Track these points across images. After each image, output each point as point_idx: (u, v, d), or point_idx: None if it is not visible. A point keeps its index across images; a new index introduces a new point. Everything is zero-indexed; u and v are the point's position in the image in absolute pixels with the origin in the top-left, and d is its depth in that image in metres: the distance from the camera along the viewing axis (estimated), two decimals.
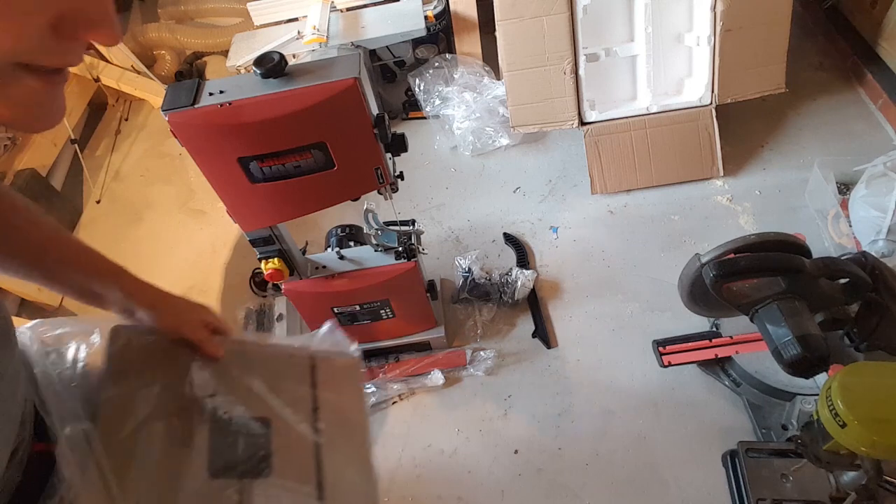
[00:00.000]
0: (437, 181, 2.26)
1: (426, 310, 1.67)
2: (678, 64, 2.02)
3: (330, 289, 1.50)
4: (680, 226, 1.97)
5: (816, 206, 1.90)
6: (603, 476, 1.51)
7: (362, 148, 1.16)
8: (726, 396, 1.57)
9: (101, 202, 2.49)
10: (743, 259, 1.19)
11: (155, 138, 2.70)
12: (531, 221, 2.07)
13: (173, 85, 1.12)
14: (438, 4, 2.26)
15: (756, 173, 2.06)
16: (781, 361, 1.15)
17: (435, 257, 2.00)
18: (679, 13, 1.93)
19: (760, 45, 1.90)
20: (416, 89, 2.31)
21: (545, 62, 1.95)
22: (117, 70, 2.61)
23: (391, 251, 1.50)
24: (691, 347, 1.58)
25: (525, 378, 1.71)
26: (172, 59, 2.84)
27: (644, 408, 1.60)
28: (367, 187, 1.24)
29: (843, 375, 0.96)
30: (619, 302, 1.82)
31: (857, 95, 2.23)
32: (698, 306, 1.37)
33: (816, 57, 2.38)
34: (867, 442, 0.92)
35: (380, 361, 1.76)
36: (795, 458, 1.30)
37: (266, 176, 1.15)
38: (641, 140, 2.02)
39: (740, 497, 1.37)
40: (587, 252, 1.96)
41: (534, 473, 1.54)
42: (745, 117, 2.19)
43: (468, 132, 2.25)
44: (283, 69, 1.08)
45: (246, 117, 1.06)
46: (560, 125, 2.05)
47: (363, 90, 1.08)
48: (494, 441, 1.60)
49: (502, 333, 1.81)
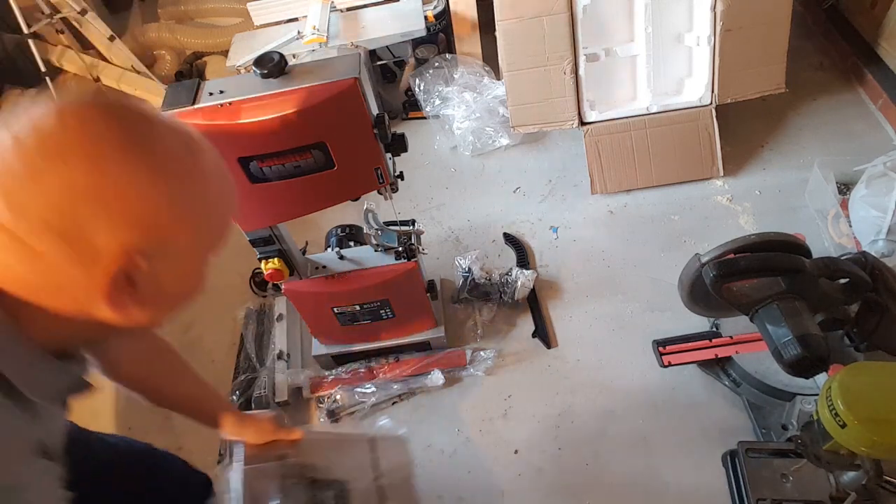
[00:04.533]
0: (437, 181, 2.26)
1: (426, 310, 1.67)
2: (678, 64, 2.02)
3: (330, 289, 1.50)
4: (680, 226, 1.97)
5: (816, 206, 1.90)
6: (603, 476, 1.51)
7: (362, 148, 1.16)
8: (726, 396, 1.57)
9: None
10: (743, 259, 1.19)
11: None
12: (531, 221, 2.07)
13: (173, 85, 1.12)
14: (438, 4, 2.26)
15: (756, 173, 2.07)
16: (781, 361, 1.15)
17: (435, 257, 2.00)
18: (679, 13, 1.93)
19: (760, 45, 1.90)
20: (416, 89, 2.31)
21: (545, 62, 1.95)
22: (117, 70, 2.61)
23: (391, 251, 1.50)
24: (691, 347, 1.58)
25: (525, 378, 1.71)
26: (172, 59, 2.84)
27: (644, 408, 1.60)
28: (367, 187, 1.24)
29: (843, 375, 0.96)
30: (619, 302, 1.82)
31: (857, 95, 2.23)
32: (698, 306, 1.37)
33: (816, 57, 2.38)
34: (867, 442, 0.92)
35: (380, 361, 1.76)
36: (795, 458, 1.30)
37: (266, 176, 1.15)
38: (641, 140, 2.02)
39: (740, 497, 1.37)
40: (587, 252, 1.96)
41: (534, 473, 1.54)
42: (745, 117, 2.19)
43: (468, 132, 2.25)
44: (283, 69, 1.08)
45: (246, 117, 1.06)
46: (560, 125, 2.05)
47: (363, 90, 1.08)
48: (494, 441, 1.60)
49: (502, 333, 1.81)
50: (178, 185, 0.53)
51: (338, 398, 1.70)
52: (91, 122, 0.49)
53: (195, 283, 0.61)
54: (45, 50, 2.50)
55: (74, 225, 0.47)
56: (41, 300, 0.51)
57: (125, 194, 0.49)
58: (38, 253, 0.48)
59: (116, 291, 0.51)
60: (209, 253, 0.60)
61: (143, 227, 0.50)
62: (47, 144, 0.47)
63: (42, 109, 0.49)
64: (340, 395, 1.70)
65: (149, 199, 0.50)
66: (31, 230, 0.47)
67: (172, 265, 0.55)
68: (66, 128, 0.48)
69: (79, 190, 0.47)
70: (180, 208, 0.53)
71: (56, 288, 0.51)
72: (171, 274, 0.55)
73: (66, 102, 0.50)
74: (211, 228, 0.59)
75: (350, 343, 1.72)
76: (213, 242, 0.60)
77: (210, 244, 0.60)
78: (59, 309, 0.52)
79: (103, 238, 0.49)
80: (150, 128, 0.52)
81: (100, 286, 0.50)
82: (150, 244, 0.51)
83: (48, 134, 0.47)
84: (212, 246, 0.60)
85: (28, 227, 0.47)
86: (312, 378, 1.75)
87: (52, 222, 0.47)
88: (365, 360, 1.76)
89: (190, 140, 0.55)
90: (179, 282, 0.58)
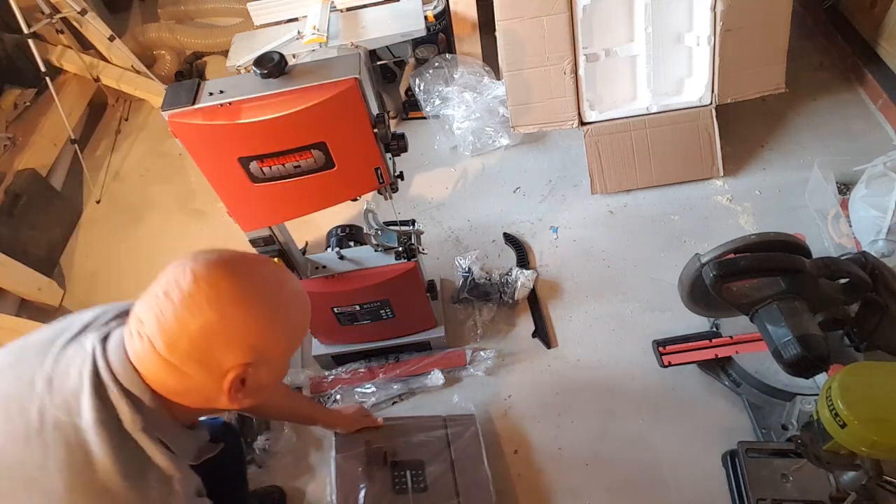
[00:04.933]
0: (437, 181, 2.26)
1: (426, 310, 1.67)
2: (678, 64, 2.02)
3: (330, 289, 1.50)
4: (680, 226, 1.97)
5: (816, 206, 1.90)
6: (603, 476, 1.51)
7: (362, 148, 1.16)
8: (726, 396, 1.57)
9: (101, 202, 2.49)
10: (743, 259, 1.19)
11: (155, 138, 2.70)
12: (531, 221, 2.07)
13: (173, 85, 1.11)
14: (438, 4, 2.25)
15: (756, 173, 2.07)
16: (781, 361, 1.15)
17: (435, 257, 2.00)
18: (679, 13, 1.93)
19: (760, 45, 1.90)
20: (416, 89, 2.31)
21: (545, 62, 1.95)
22: (117, 70, 2.61)
23: (391, 251, 1.50)
24: (691, 347, 1.58)
25: (525, 378, 1.71)
26: (172, 59, 2.84)
27: (644, 408, 1.60)
28: (367, 187, 1.24)
29: (843, 375, 0.96)
30: (619, 302, 1.82)
31: (857, 95, 2.23)
32: (698, 306, 1.37)
33: (816, 57, 2.38)
34: (867, 442, 0.92)
35: (380, 361, 1.76)
36: (795, 458, 1.30)
37: (266, 176, 1.15)
38: (641, 140, 2.02)
39: (740, 497, 1.37)
40: (587, 252, 1.96)
41: (534, 473, 1.54)
42: (745, 117, 2.19)
43: (468, 132, 2.25)
44: (283, 69, 1.08)
45: (246, 117, 1.06)
46: (560, 125, 2.05)
47: (363, 90, 1.08)
48: (495, 441, 1.60)
49: (502, 333, 1.81)
50: (274, 315, 0.76)
51: (338, 398, 1.70)
52: (214, 280, 0.72)
53: (284, 372, 0.86)
54: (45, 50, 2.50)
55: (207, 354, 0.72)
56: (184, 399, 0.77)
57: (241, 329, 0.72)
58: (185, 373, 0.73)
59: (233, 391, 0.75)
60: (294, 352, 0.84)
61: (253, 349, 0.74)
62: (185, 299, 0.70)
63: (180, 270, 0.72)
64: (340, 396, 1.70)
65: (256, 329, 0.74)
66: (181, 359, 0.72)
67: (271, 367, 0.79)
68: (199, 286, 0.71)
69: (209, 330, 0.71)
70: (277, 331, 0.76)
71: (196, 392, 0.76)
72: (270, 373, 0.80)
73: (196, 264, 0.72)
74: (297, 337, 0.83)
75: (350, 343, 1.72)
76: (297, 345, 0.84)
77: (295, 347, 0.83)
78: (194, 403, 0.77)
79: (227, 360, 0.73)
80: (254, 276, 0.75)
81: (223, 390, 0.75)
82: (256, 358, 0.75)
83: (187, 292, 0.70)
84: (296, 347, 0.84)
85: (179, 357, 0.72)
86: (312, 378, 1.75)
87: (193, 354, 0.72)
88: (365, 360, 1.76)
89: (281, 276, 0.79)
90: (275, 376, 0.82)
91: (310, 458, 1.62)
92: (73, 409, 0.72)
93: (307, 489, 1.58)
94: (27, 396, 0.73)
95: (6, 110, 2.46)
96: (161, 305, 0.71)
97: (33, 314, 2.09)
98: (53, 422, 0.71)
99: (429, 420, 1.55)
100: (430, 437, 1.49)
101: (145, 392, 0.74)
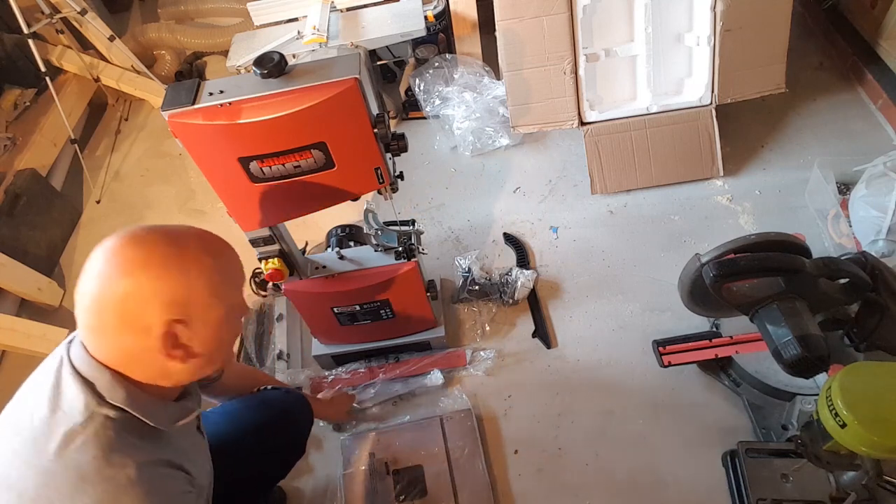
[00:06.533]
0: (437, 181, 2.26)
1: (426, 310, 1.67)
2: (678, 64, 2.02)
3: (330, 289, 1.50)
4: (680, 226, 1.97)
5: (816, 206, 1.90)
6: (603, 476, 1.51)
7: (362, 148, 1.16)
8: (726, 396, 1.57)
9: (101, 202, 2.49)
10: (743, 259, 1.19)
11: (155, 138, 2.70)
12: (531, 221, 2.07)
13: (173, 85, 1.11)
14: (438, 4, 2.25)
15: (756, 173, 2.07)
16: (781, 361, 1.15)
17: (435, 257, 2.00)
18: (679, 13, 1.93)
19: (760, 45, 1.90)
20: (416, 89, 2.31)
21: (545, 62, 1.95)
22: (117, 70, 2.61)
23: (391, 251, 1.50)
24: (691, 347, 1.58)
25: (525, 378, 1.71)
26: (172, 59, 2.84)
27: (644, 408, 1.60)
28: (367, 187, 1.24)
29: (843, 375, 0.96)
30: (619, 302, 1.82)
31: (857, 95, 2.23)
32: (698, 306, 1.37)
33: (816, 57, 2.38)
34: (867, 442, 0.92)
35: (380, 361, 1.76)
36: (795, 458, 1.30)
37: (266, 176, 1.15)
38: (641, 140, 2.02)
39: (740, 497, 1.37)
40: (587, 252, 1.96)
41: (534, 473, 1.54)
42: (745, 117, 2.19)
43: (468, 132, 2.25)
44: (283, 69, 1.08)
45: (246, 117, 1.06)
46: (560, 125, 2.05)
47: (363, 90, 1.08)
48: (495, 441, 1.60)
49: (502, 333, 1.81)
50: (184, 267, 0.79)
51: None
52: (117, 249, 0.78)
53: (230, 332, 0.89)
54: (45, 50, 2.50)
55: (132, 316, 0.77)
56: (136, 371, 0.81)
57: (153, 286, 0.77)
58: (122, 342, 0.78)
59: (169, 347, 0.79)
60: (233, 313, 0.87)
61: (172, 304, 0.78)
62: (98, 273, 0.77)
63: (92, 254, 0.79)
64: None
65: (169, 286, 0.78)
66: (114, 330, 0.78)
67: (206, 324, 0.82)
68: (107, 258, 0.78)
69: (125, 294, 0.76)
70: (191, 285, 0.80)
71: (139, 360, 0.81)
72: (209, 330, 0.83)
73: (103, 243, 0.79)
74: (222, 293, 0.84)
75: (350, 343, 1.72)
76: (229, 301, 0.86)
77: (228, 303, 0.85)
78: (147, 373, 0.82)
79: (150, 317, 0.77)
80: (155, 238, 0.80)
81: (159, 349, 0.79)
82: (181, 313, 0.79)
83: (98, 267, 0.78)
84: (230, 305, 0.86)
85: (112, 329, 0.78)
86: (312, 378, 1.75)
87: (120, 321, 0.77)
88: (365, 360, 1.76)
89: (186, 233, 0.83)
90: (217, 334, 0.85)
91: (310, 458, 1.63)
92: (40, 404, 0.80)
93: (307, 489, 1.58)
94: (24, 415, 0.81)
95: (6, 110, 2.47)
96: (83, 287, 0.78)
97: (33, 314, 2.09)
98: (31, 423, 0.79)
99: (428, 421, 1.60)
100: (428, 439, 1.54)
101: (103, 372, 0.80)
